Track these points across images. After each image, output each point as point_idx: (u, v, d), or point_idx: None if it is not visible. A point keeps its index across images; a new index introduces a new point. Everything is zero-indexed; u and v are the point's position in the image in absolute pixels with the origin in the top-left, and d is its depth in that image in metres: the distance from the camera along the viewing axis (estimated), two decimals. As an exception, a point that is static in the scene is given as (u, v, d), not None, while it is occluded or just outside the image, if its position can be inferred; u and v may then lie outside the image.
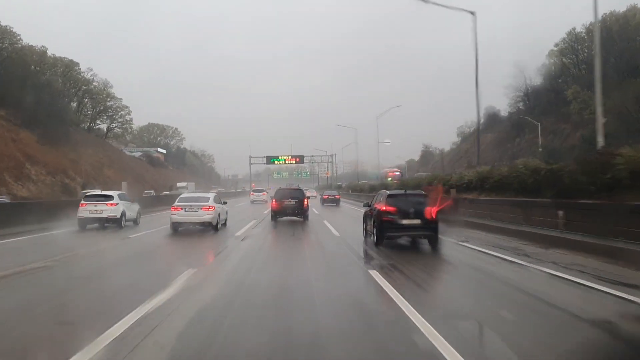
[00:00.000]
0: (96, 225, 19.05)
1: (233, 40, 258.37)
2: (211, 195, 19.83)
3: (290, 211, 21.83)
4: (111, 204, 19.16)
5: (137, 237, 16.65)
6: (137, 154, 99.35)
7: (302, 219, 21.79)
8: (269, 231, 18.56)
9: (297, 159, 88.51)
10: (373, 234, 13.40)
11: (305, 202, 22.24)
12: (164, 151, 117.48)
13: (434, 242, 12.73)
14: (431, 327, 5.31)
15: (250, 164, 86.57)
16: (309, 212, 23.25)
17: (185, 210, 17.39)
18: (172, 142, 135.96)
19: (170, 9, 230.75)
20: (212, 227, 17.53)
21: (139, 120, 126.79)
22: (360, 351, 4.92)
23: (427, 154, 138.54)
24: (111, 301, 7.15)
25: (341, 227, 19.14)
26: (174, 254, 13.84)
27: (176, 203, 17.98)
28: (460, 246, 13.05)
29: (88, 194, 22.02)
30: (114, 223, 19.11)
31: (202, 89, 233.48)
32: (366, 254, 12.24)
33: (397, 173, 75.08)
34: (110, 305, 6.80)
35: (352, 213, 27.82)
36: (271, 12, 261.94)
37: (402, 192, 14.68)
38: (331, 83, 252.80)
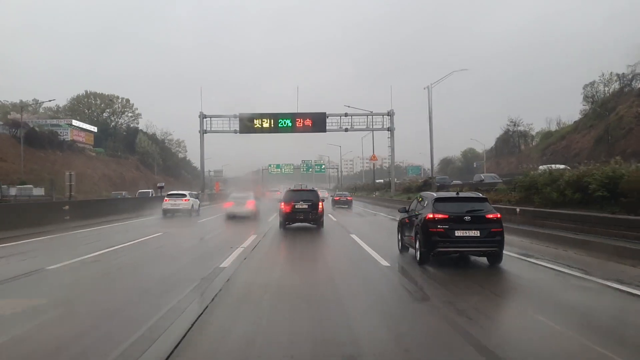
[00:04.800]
0: (169, 215, 27.80)
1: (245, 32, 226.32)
2: (252, 194, 27.52)
3: (303, 216, 19.50)
4: (185, 200, 28.46)
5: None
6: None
7: (315, 226, 19.75)
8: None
9: (309, 121, 41.86)
10: (415, 248, 10.70)
11: (320, 206, 19.65)
12: (92, 128, 74.16)
13: (497, 260, 10.17)
14: None
15: (203, 131, 41.42)
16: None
17: (235, 204, 25.54)
18: (121, 121, 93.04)
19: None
20: (252, 217, 24.91)
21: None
22: None
23: (509, 137, 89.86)
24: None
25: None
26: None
27: (229, 199, 26.91)
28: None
29: (169, 193, 31.20)
30: (186, 213, 27.95)
31: (200, 83, 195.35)
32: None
33: None
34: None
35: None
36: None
37: (454, 194, 11.35)
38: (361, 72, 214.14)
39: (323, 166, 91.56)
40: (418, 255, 10.36)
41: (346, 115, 40.60)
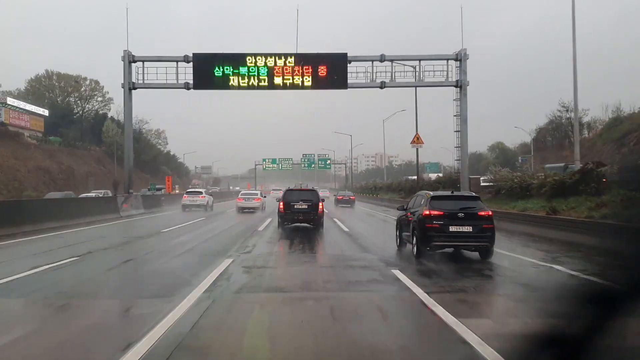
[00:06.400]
0: (187, 210, 31.65)
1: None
2: (258, 191, 35.25)
3: (302, 217, 18.99)
4: (202, 197, 33.02)
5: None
6: None
7: (314, 227, 19.03)
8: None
9: (324, 68, 23.61)
10: (412, 243, 11.58)
11: (320, 207, 18.96)
12: (42, 111, 60.73)
13: (487, 255, 10.83)
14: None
15: (130, 85, 25.03)
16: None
17: (245, 200, 31.21)
18: (89, 106, 79.14)
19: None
20: (260, 210, 30.65)
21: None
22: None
23: (556, 127, 74.55)
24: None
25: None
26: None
27: (240, 196, 32.54)
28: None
29: (188, 190, 36.85)
30: (202, 208, 31.98)
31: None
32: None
33: None
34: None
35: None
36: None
37: (449, 193, 12.41)
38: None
39: (328, 161, 77.08)
40: (415, 249, 11.22)
41: (382, 60, 23.99)
